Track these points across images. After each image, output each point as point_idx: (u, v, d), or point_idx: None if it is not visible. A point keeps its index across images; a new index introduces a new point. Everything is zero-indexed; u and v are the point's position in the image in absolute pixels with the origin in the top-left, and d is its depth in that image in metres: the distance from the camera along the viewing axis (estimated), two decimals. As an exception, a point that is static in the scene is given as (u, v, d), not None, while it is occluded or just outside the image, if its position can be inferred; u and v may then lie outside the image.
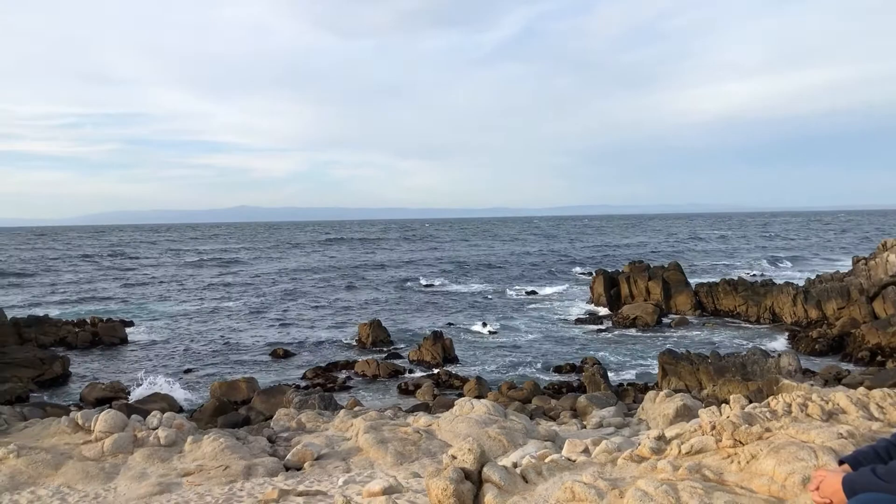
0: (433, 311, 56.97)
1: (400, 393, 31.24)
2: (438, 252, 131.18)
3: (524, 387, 29.28)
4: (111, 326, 46.25)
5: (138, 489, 14.19)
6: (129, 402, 26.51)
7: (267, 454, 16.33)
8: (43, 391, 32.53)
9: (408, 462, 15.33)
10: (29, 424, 18.96)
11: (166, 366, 38.01)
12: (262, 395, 27.66)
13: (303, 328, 49.26)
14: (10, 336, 40.84)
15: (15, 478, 14.81)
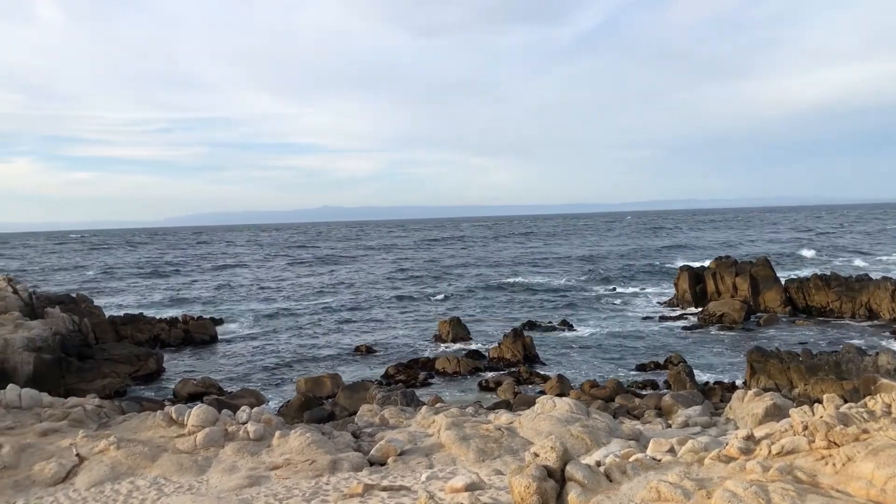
0: (514, 308, 56.84)
1: (480, 390, 31.29)
2: (518, 249, 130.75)
3: (607, 385, 28.90)
4: (202, 324, 47.90)
5: (229, 482, 14.68)
6: (219, 398, 27.41)
7: (351, 449, 16.63)
8: (139, 386, 33.98)
9: (490, 459, 15.37)
10: (127, 418, 19.88)
11: (254, 362, 39.14)
12: (346, 391, 28.18)
13: (385, 325, 49.92)
14: (109, 333, 42.87)
15: (115, 468, 15.55)
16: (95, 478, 15.11)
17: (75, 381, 31.14)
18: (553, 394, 24.93)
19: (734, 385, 29.28)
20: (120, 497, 14.13)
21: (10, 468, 15.61)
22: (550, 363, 36.43)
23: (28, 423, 18.61)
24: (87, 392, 26.07)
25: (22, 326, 33.45)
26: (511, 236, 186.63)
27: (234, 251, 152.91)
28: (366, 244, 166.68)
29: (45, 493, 14.66)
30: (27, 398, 19.87)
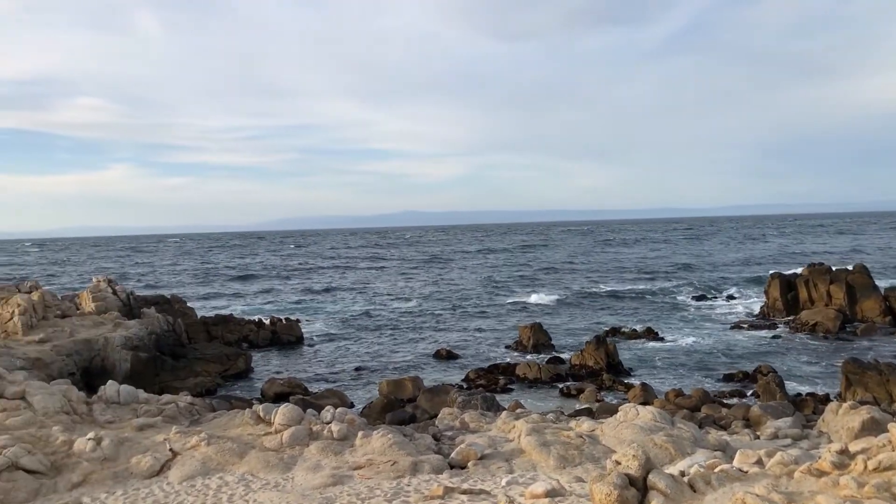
0: (597, 314, 56.15)
1: (562, 396, 31.05)
2: (603, 254, 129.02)
3: (692, 394, 28.22)
4: (288, 325, 49.15)
5: (314, 480, 15.03)
6: (304, 398, 28.06)
7: (432, 451, 16.77)
8: (228, 385, 35.12)
9: (570, 466, 15.25)
10: (217, 415, 20.58)
11: (338, 363, 39.93)
12: (427, 394, 28.41)
13: (466, 330, 50.09)
14: (200, 333, 44.49)
15: (206, 464, 16.13)
16: (187, 472, 15.71)
17: (169, 379, 32.46)
18: (636, 402, 24.51)
19: (828, 397, 28.14)
20: (210, 492, 14.65)
21: (109, 460, 16.40)
22: (634, 371, 35.83)
23: (126, 418, 19.51)
24: (179, 390, 27.18)
25: (121, 326, 35.10)
26: (595, 241, 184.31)
27: (319, 254, 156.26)
28: (449, 249, 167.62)
29: (141, 485, 15.34)
30: (125, 394, 20.82)
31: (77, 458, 16.38)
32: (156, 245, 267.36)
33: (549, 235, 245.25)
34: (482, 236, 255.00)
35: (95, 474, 15.89)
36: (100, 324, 35.17)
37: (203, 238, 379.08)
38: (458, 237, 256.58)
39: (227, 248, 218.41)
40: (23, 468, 15.50)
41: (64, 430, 17.63)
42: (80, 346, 31.54)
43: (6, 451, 15.74)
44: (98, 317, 36.37)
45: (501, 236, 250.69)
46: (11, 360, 26.47)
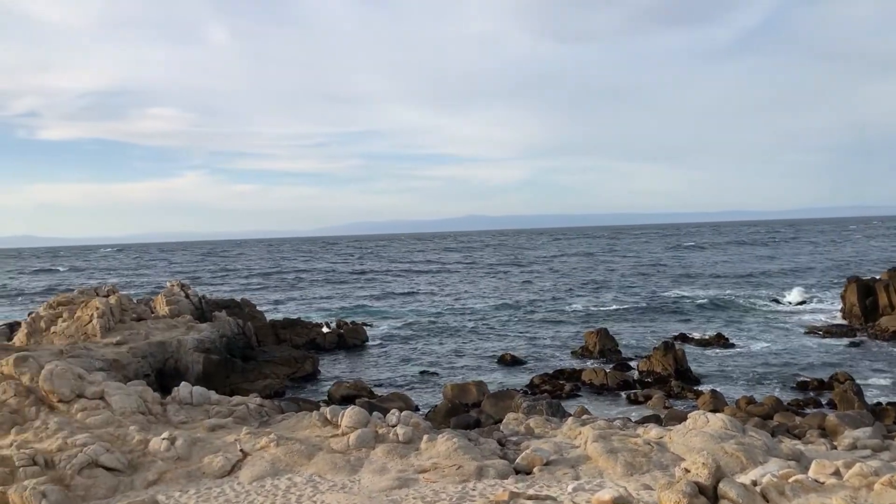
0: (665, 320, 55.12)
1: (629, 403, 30.59)
2: (670, 258, 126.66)
3: (765, 402, 27.43)
4: (355, 329, 49.74)
5: (380, 482, 15.18)
6: (370, 400, 28.34)
7: (497, 456, 16.74)
8: (296, 387, 35.71)
9: (638, 473, 15.02)
10: (285, 417, 20.98)
11: (403, 366, 40.21)
12: (492, 399, 28.36)
13: (531, 335, 49.82)
14: (269, 336, 45.41)
15: (275, 464, 16.46)
16: (257, 472, 16.06)
17: (239, 381, 33.20)
18: (706, 409, 23.97)
19: (910, 407, 26.99)
20: (279, 492, 14.94)
21: (183, 460, 16.89)
22: (703, 378, 35.04)
23: (198, 419, 20.06)
24: (249, 391, 27.78)
25: (193, 329, 36.09)
26: (664, 245, 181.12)
27: (384, 259, 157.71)
28: (513, 253, 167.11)
29: (213, 484, 15.74)
30: (197, 395, 21.41)
31: (152, 457, 16.92)
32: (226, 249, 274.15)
33: (615, 239, 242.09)
34: (546, 240, 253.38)
35: (170, 473, 16.39)
36: (173, 327, 36.25)
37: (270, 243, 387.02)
38: (523, 241, 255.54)
39: (294, 252, 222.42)
40: (102, 465, 16.09)
41: (140, 429, 18.24)
42: (155, 349, 32.55)
43: (87, 448, 16.36)
44: (171, 320, 37.50)
45: (566, 240, 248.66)
46: (91, 361, 27.47)
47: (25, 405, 18.93)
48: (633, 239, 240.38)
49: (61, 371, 19.88)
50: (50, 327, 35.10)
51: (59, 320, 35.34)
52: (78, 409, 19.10)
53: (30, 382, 19.78)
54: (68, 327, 34.40)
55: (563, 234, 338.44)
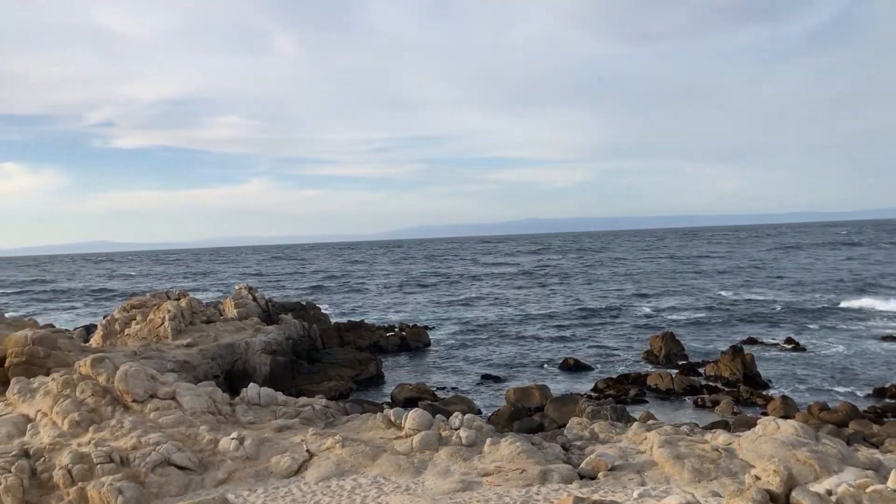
0: (733, 323, 53.82)
1: (696, 408, 29.98)
2: (739, 260, 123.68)
3: (839, 408, 26.55)
4: (417, 332, 50.05)
5: (443, 485, 15.22)
6: (433, 403, 28.47)
7: (561, 461, 16.61)
8: (360, 389, 36.12)
9: (706, 480, 14.72)
10: (350, 418, 21.23)
11: (465, 370, 40.26)
12: (555, 403, 28.17)
13: (594, 339, 49.31)
14: (334, 338, 46.05)
15: (340, 465, 16.67)
16: (323, 473, 16.29)
17: (304, 382, 33.75)
18: (776, 415, 23.34)
19: None
20: (344, 493, 15.12)
21: (251, 459, 17.25)
22: (773, 383, 34.12)
23: (265, 419, 20.46)
24: (315, 393, 28.20)
25: (260, 331, 36.84)
26: (732, 248, 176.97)
27: (445, 263, 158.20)
28: (573, 257, 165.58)
29: (280, 484, 16.04)
30: (265, 396, 21.84)
31: (222, 457, 17.32)
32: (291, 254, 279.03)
33: (681, 242, 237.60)
34: (610, 244, 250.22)
35: (238, 472, 16.76)
36: (241, 329, 37.06)
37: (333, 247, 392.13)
38: (585, 245, 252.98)
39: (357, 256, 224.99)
40: (174, 464, 16.55)
41: (210, 429, 18.70)
42: (224, 350, 33.34)
43: (160, 447, 16.86)
44: (240, 322, 38.35)
45: (631, 243, 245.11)
46: (163, 362, 28.31)
47: (102, 404, 19.60)
48: (701, 241, 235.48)
49: (135, 372, 20.52)
50: (124, 329, 36.32)
51: (133, 323, 36.53)
52: (151, 408, 19.68)
53: (106, 382, 20.48)
54: (141, 329, 35.53)
55: (628, 238, 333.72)
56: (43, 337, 25.56)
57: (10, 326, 28.12)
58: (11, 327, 27.87)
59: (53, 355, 24.80)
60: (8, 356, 24.16)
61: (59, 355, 25.03)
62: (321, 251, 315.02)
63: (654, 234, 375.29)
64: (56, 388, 20.31)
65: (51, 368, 23.43)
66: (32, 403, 20.15)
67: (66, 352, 25.77)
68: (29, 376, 22.42)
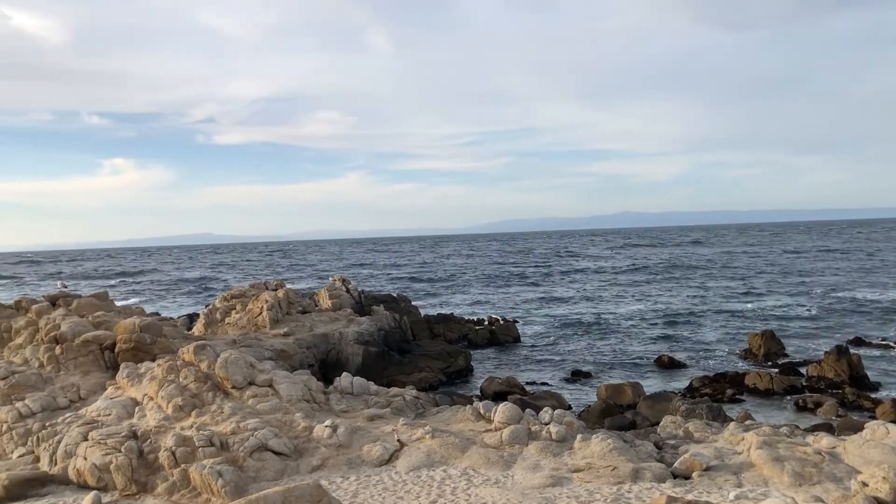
0: (838, 322, 51.38)
1: (797, 410, 28.78)
2: (841, 255, 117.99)
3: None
4: (506, 326, 49.97)
5: (532, 479, 15.16)
6: (522, 397, 28.37)
7: (654, 459, 16.28)
8: (450, 381, 36.33)
9: (807, 484, 14.14)
10: (440, 410, 21.41)
11: (555, 365, 39.93)
12: (648, 401, 27.60)
13: (690, 336, 48.01)
14: (424, 331, 46.51)
15: (430, 456, 16.83)
16: (413, 463, 16.50)
17: (395, 373, 34.22)
18: (886, 419, 22.14)
19: None
20: (434, 483, 15.27)
21: (344, 447, 17.64)
22: (882, 386, 32.41)
23: (358, 409, 20.87)
24: (405, 383, 28.57)
25: (353, 322, 37.59)
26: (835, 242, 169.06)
27: (535, 256, 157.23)
28: (666, 250, 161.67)
29: (372, 472, 16.34)
30: (357, 386, 22.28)
31: (316, 444, 17.78)
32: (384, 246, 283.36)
33: (781, 237, 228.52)
34: (706, 238, 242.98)
35: (332, 459, 17.16)
36: (335, 319, 37.91)
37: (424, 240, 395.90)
38: (680, 239, 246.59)
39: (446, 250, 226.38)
40: (271, 449, 17.10)
41: (305, 416, 19.23)
42: (318, 340, 34.19)
43: (257, 432, 17.45)
44: (334, 313, 39.24)
45: (729, 238, 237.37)
46: (261, 351, 29.26)
47: (203, 390, 20.44)
48: (803, 236, 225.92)
49: (235, 359, 21.29)
50: (225, 318, 37.72)
51: (233, 312, 37.90)
52: (249, 395, 20.38)
53: (207, 369, 21.33)
54: (241, 319, 36.81)
55: (726, 232, 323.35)
56: (149, 325, 26.82)
57: (119, 314, 29.63)
58: (121, 315, 29.36)
59: (159, 342, 25.99)
60: (118, 342, 25.47)
61: (164, 342, 26.22)
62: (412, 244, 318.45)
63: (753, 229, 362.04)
64: (161, 373, 21.30)
65: (156, 355, 24.56)
66: (140, 387, 21.19)
67: (171, 339, 26.97)
68: (137, 362, 23.59)
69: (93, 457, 16.94)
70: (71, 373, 24.10)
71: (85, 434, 18.22)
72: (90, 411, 20.36)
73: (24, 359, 25.06)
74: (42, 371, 23.87)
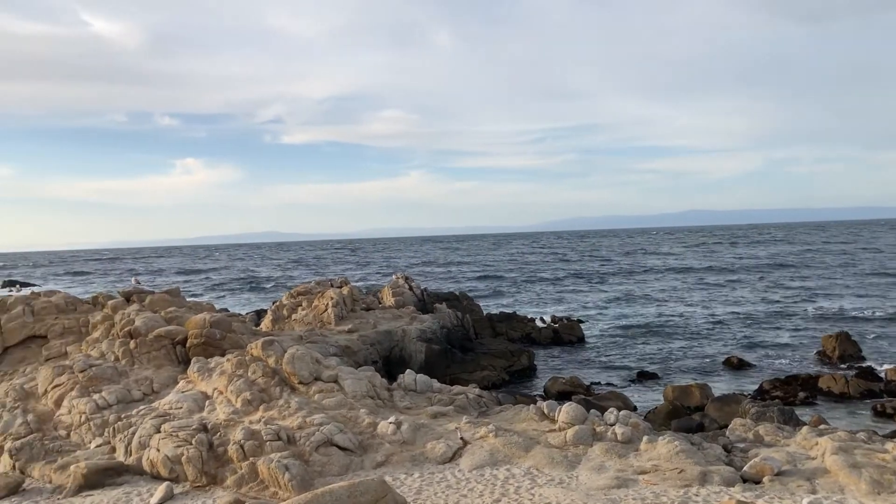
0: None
1: (874, 415, 27.72)
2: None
3: None
4: (570, 325, 49.53)
5: (597, 480, 14.98)
6: (587, 398, 28.08)
7: (722, 463, 15.90)
8: (512, 380, 36.19)
9: (887, 493, 13.60)
10: (503, 409, 21.34)
11: (619, 365, 39.39)
12: (716, 403, 27.00)
13: (760, 337, 46.72)
14: (486, 329, 46.44)
15: (494, 454, 16.80)
16: (477, 461, 16.49)
17: (458, 371, 34.29)
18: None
19: None
20: (497, 482, 15.23)
21: (408, 444, 17.75)
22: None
23: (421, 406, 20.97)
24: (467, 382, 28.58)
25: (416, 319, 37.79)
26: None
27: (601, 255, 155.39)
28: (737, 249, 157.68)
29: (435, 469, 16.39)
30: (421, 383, 22.39)
31: (380, 440, 17.94)
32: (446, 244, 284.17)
33: (859, 234, 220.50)
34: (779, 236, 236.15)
35: (396, 456, 17.29)
36: (398, 317, 38.19)
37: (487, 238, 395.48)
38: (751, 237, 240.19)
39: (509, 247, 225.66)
40: (336, 445, 17.32)
41: (369, 412, 19.41)
42: (382, 337, 34.49)
43: (323, 427, 17.70)
44: (397, 310, 39.53)
45: (803, 235, 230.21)
46: (326, 347, 29.67)
47: (271, 385, 20.83)
48: (882, 234, 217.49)
49: (301, 355, 21.64)
50: (291, 315, 38.39)
51: (299, 309, 38.54)
52: (315, 390, 20.69)
53: (275, 364, 21.74)
54: (307, 315, 37.41)
55: (799, 230, 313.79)
56: (219, 320, 27.46)
57: (190, 310, 30.41)
58: (192, 311, 30.13)
59: (228, 337, 26.59)
60: (189, 337, 26.16)
61: (234, 338, 26.81)
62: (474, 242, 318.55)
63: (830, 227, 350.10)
64: (230, 368, 21.80)
65: (226, 350, 25.13)
66: (210, 381, 21.73)
67: (240, 334, 27.56)
68: (207, 356, 24.19)
69: (165, 448, 17.45)
70: (144, 366, 24.86)
71: (158, 426, 18.78)
72: (163, 404, 20.98)
73: (101, 352, 25.96)
74: (117, 364, 24.68)
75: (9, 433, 21.09)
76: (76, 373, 23.54)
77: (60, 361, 25.59)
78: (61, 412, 21.92)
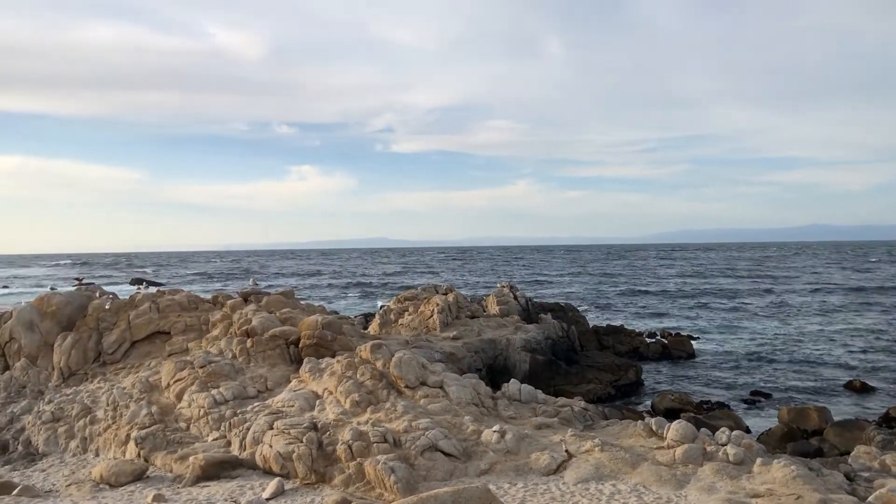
0: None
1: None
2: None
3: None
4: (680, 340, 48.15)
5: (708, 501, 14.50)
6: (696, 416, 27.21)
7: (844, 491, 15.08)
8: (619, 394, 35.51)
9: None
10: (609, 423, 20.98)
11: (731, 384, 37.97)
12: (836, 428, 25.61)
13: (888, 361, 43.96)
14: (592, 342, 45.76)
15: (599, 469, 16.53)
16: (582, 475, 16.27)
17: (562, 383, 33.93)
18: None
19: None
20: (603, 497, 14.97)
21: (512, 453, 17.71)
22: None
23: (525, 416, 20.89)
24: (572, 394, 28.26)
25: (520, 329, 37.68)
26: None
27: (715, 269, 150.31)
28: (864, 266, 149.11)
29: (539, 480, 16.28)
30: (525, 393, 22.31)
31: (484, 448, 17.98)
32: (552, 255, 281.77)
33: None
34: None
35: (499, 465, 17.28)
36: (502, 326, 38.18)
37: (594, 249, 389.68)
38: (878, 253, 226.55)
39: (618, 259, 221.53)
40: (441, 450, 17.48)
41: (473, 420, 19.50)
42: (486, 345, 34.57)
43: (428, 432, 17.91)
44: (501, 319, 39.53)
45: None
46: (431, 352, 30.01)
47: (379, 387, 21.26)
48: None
49: (408, 359, 21.99)
50: (398, 319, 39.07)
51: (406, 314, 39.17)
52: (421, 395, 20.97)
53: (382, 367, 22.18)
54: (413, 320, 37.97)
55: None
56: (330, 322, 28.26)
57: (303, 311, 31.46)
58: (305, 312, 31.16)
59: (339, 339, 27.32)
60: (302, 338, 27.06)
61: (343, 340, 27.53)
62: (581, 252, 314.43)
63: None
64: (340, 369, 22.39)
65: (336, 351, 25.85)
66: (320, 382, 22.39)
67: (349, 337, 28.27)
68: (318, 357, 24.94)
69: (277, 445, 18.10)
70: (259, 365, 25.88)
71: (271, 423, 19.51)
72: (276, 402, 21.78)
73: (220, 350, 27.21)
74: (234, 362, 25.81)
75: (135, 422, 22.44)
76: (196, 368, 24.78)
77: (182, 357, 27.02)
78: (182, 405, 23.12)
